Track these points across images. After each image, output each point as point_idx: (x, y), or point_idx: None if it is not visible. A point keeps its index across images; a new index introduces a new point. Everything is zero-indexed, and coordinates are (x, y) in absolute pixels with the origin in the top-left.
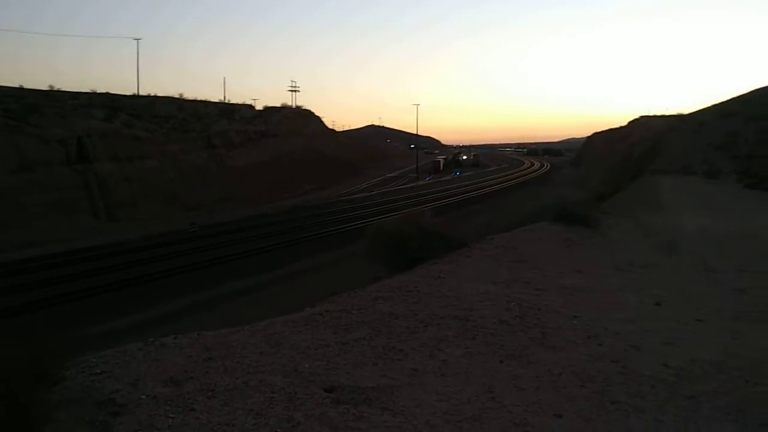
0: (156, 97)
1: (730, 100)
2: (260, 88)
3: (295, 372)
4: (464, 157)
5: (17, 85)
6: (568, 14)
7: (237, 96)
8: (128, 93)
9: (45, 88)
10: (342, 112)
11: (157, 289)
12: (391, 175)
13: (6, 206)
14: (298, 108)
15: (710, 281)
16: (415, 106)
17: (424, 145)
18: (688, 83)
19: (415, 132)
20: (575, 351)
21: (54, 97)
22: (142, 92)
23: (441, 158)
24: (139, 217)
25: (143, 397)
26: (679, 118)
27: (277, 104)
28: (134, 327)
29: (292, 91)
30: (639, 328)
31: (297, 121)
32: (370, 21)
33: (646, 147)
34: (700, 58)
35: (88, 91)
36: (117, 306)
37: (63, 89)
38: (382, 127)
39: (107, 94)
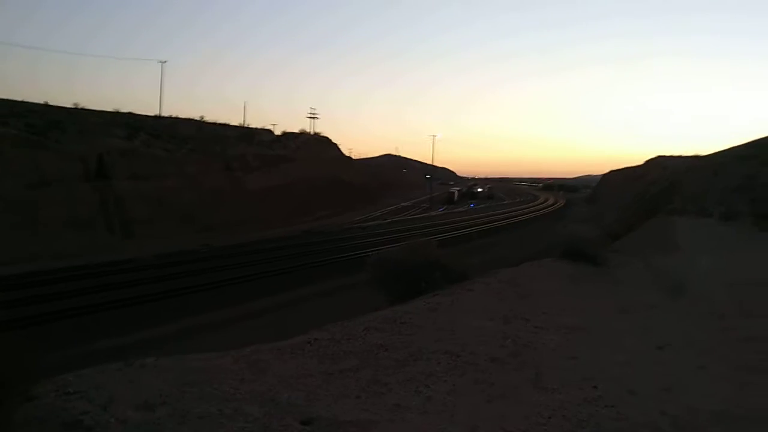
0: (177, 119)
1: (748, 143)
2: (276, 112)
3: (272, 402)
4: (479, 190)
5: (42, 102)
6: (584, 52)
7: (253, 119)
8: (150, 114)
9: (69, 105)
10: (358, 140)
11: (161, 309)
12: (405, 204)
13: (22, 220)
14: (317, 135)
15: (718, 328)
16: (432, 138)
17: (440, 176)
18: (707, 124)
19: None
20: (569, 393)
21: (77, 114)
22: (164, 113)
23: (456, 189)
24: (154, 235)
25: (112, 420)
26: (697, 158)
27: (293, 129)
28: (139, 343)
29: (311, 118)
30: (638, 373)
31: (315, 148)
32: (385, 50)
33: (662, 186)
34: (720, 98)
35: (111, 110)
36: (125, 322)
37: (87, 107)
38: (399, 156)
39: (130, 114)
